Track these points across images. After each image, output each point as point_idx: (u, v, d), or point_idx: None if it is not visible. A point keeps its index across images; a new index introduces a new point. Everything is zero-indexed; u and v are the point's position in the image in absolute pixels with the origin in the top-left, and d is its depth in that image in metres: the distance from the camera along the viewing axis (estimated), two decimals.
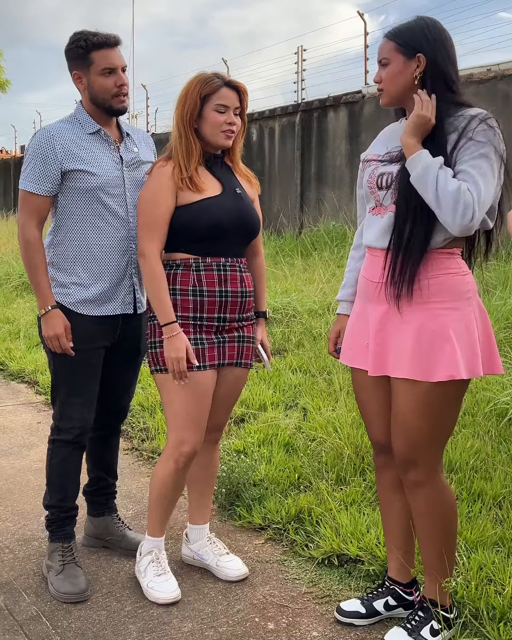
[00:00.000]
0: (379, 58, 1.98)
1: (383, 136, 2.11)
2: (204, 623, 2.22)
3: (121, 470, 3.42)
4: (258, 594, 2.39)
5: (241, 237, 2.36)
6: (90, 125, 2.40)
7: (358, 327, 2.10)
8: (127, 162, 2.44)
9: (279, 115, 12.26)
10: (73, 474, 2.50)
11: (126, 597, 2.38)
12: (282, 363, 4.58)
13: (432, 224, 1.86)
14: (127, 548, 2.63)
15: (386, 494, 2.22)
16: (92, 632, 2.18)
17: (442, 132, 1.87)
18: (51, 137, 2.32)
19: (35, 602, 2.34)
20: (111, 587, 2.43)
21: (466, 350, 1.91)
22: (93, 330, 2.42)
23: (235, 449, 3.42)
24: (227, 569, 2.47)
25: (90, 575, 2.50)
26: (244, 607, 2.31)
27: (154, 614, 2.27)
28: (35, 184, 2.34)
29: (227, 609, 2.30)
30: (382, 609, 2.22)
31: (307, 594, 2.39)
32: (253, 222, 2.38)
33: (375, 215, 2.01)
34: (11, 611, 2.29)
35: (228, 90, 2.25)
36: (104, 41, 2.31)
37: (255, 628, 2.20)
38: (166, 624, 2.22)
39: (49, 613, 2.28)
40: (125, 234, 2.42)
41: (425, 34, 1.91)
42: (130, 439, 3.87)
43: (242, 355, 2.39)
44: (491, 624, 2.06)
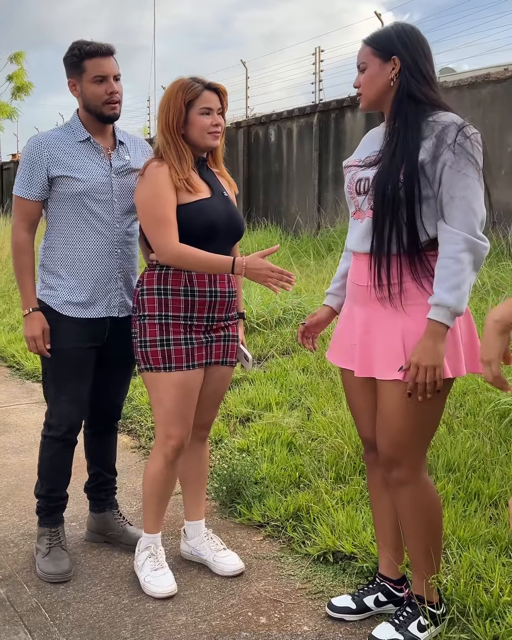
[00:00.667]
0: (357, 63, 2.03)
1: (365, 141, 2.15)
2: (198, 616, 2.28)
3: (127, 468, 3.51)
4: (253, 589, 2.43)
5: (230, 238, 2.42)
6: (81, 133, 2.49)
7: (346, 328, 2.14)
8: (116, 169, 2.50)
9: (296, 116, 12.30)
10: (62, 468, 2.61)
11: (124, 590, 2.44)
12: (290, 363, 4.62)
13: (408, 228, 1.89)
14: (127, 543, 2.70)
15: (376, 491, 2.25)
16: (88, 624, 2.24)
17: (419, 136, 1.89)
18: (40, 145, 2.43)
19: (36, 595, 2.41)
20: (110, 581, 2.50)
21: (449, 350, 1.94)
22: (80, 331, 2.49)
23: (239, 447, 3.47)
24: (223, 564, 2.52)
25: (91, 570, 2.57)
26: (238, 602, 2.36)
27: (149, 607, 2.33)
28: (24, 189, 2.45)
29: (222, 603, 2.35)
30: (372, 605, 2.25)
31: (301, 590, 2.43)
32: (241, 224, 2.45)
33: (355, 220, 2.05)
34: (12, 602, 2.36)
35: (209, 93, 2.31)
36: (96, 50, 2.39)
37: (247, 622, 2.25)
38: (161, 617, 2.28)
39: (49, 605, 2.35)
40: (111, 239, 2.49)
41: (400, 37, 1.95)
42: (138, 438, 3.94)
43: (227, 354, 2.46)
44: (478, 620, 2.09)
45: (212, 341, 2.41)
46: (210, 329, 2.40)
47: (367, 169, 2.00)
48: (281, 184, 12.65)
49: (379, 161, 1.96)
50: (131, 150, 2.59)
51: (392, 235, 1.91)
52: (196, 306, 2.34)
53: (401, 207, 1.88)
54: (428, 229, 1.91)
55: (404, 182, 1.88)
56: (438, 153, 1.87)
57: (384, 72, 1.97)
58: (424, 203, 1.90)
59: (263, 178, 13.04)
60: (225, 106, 2.37)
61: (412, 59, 1.95)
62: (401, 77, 1.95)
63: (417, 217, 1.89)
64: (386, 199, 1.89)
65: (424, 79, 1.97)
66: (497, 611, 2.11)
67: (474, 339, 2.03)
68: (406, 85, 1.94)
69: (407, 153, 1.89)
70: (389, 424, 2.01)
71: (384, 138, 2.01)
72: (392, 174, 1.89)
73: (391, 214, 1.89)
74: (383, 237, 1.92)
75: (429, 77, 1.98)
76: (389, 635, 2.08)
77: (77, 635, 2.18)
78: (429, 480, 2.10)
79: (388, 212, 1.89)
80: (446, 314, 1.85)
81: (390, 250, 1.92)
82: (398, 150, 1.92)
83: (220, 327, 2.42)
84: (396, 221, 1.89)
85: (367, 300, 2.02)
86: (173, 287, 2.33)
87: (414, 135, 1.91)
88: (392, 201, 1.88)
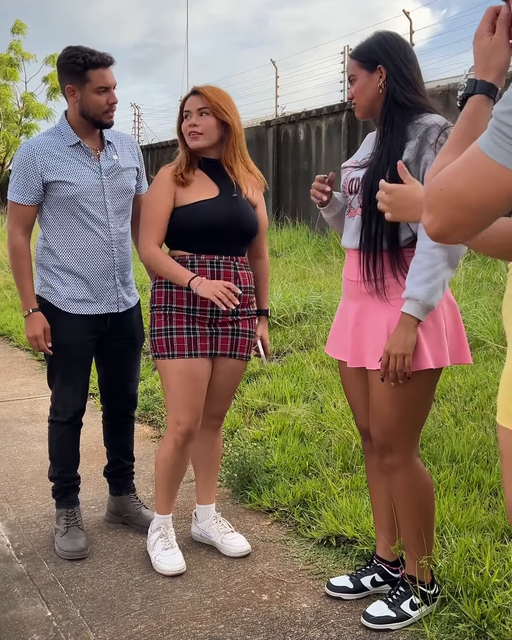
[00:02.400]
0: (348, 76, 2.15)
1: (364, 144, 2.26)
2: (203, 593, 2.42)
3: (147, 456, 3.66)
4: (257, 569, 2.56)
5: (235, 237, 2.53)
6: (70, 138, 2.59)
7: (341, 321, 2.25)
8: (105, 170, 2.62)
9: (325, 115, 12.36)
10: (71, 450, 2.79)
11: (136, 568, 2.59)
12: (308, 358, 4.73)
13: (394, 225, 2.00)
14: (141, 525, 2.86)
15: (373, 477, 2.36)
16: (101, 597, 2.40)
17: (404, 138, 1.99)
18: (32, 151, 2.53)
19: (53, 570, 2.57)
20: (124, 560, 2.65)
21: (433, 342, 2.04)
22: (81, 326, 2.65)
23: (253, 438, 3.60)
24: (230, 546, 2.66)
25: (106, 549, 2.73)
26: (242, 580, 2.49)
27: (159, 584, 2.48)
28: (19, 194, 2.56)
29: (227, 582, 2.49)
30: (369, 585, 2.36)
31: (303, 571, 2.55)
32: (246, 223, 2.53)
33: (349, 218, 2.16)
34: (32, 577, 2.53)
35: (193, 97, 2.45)
36: (101, 61, 2.50)
37: (250, 599, 2.38)
38: (169, 593, 2.42)
39: (65, 580, 2.51)
40: (106, 239, 2.63)
41: (381, 45, 2.06)
42: (158, 428, 4.10)
43: (236, 348, 2.56)
44: (468, 600, 2.19)
45: (218, 333, 2.52)
46: (215, 322, 2.51)
47: (360, 170, 2.12)
48: (309, 183, 12.66)
49: (370, 163, 2.07)
50: (118, 149, 2.70)
51: (378, 232, 2.02)
52: (198, 300, 2.46)
53: None
54: (412, 226, 2.01)
55: (389, 181, 1.98)
56: (421, 153, 1.98)
57: (372, 81, 2.08)
58: None
59: (292, 176, 13.13)
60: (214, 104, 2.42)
61: (395, 66, 2.06)
62: (387, 85, 2.05)
63: None
64: (373, 197, 1.99)
65: (409, 84, 2.06)
66: (486, 591, 2.20)
67: (461, 332, 2.12)
68: (392, 92, 2.05)
69: (393, 154, 2.01)
70: (379, 412, 2.11)
71: (375, 141, 2.14)
72: (379, 173, 2.00)
73: (377, 211, 1.99)
74: (370, 234, 2.03)
75: (413, 81, 2.08)
76: (382, 613, 2.20)
77: (90, 607, 2.34)
78: (421, 465, 2.20)
79: (375, 210, 1.99)
80: (416, 307, 1.95)
81: (376, 246, 2.03)
82: (385, 152, 2.04)
83: (227, 321, 2.53)
84: (381, 218, 1.99)
85: (358, 294, 2.13)
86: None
87: (400, 137, 2.02)
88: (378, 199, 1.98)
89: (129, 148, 2.75)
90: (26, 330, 2.64)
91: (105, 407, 2.93)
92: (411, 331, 1.95)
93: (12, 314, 7.26)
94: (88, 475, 3.43)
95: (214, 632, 2.19)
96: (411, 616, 2.19)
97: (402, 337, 1.96)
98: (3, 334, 6.84)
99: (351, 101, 2.16)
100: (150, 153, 17.71)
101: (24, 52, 23.41)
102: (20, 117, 23.70)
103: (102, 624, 2.24)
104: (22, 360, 5.96)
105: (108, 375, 2.83)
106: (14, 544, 2.78)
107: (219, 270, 2.48)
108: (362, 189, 2.05)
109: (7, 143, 23.35)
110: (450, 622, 2.15)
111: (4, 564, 2.63)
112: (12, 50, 23.38)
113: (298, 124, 13.02)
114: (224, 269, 2.49)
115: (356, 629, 2.19)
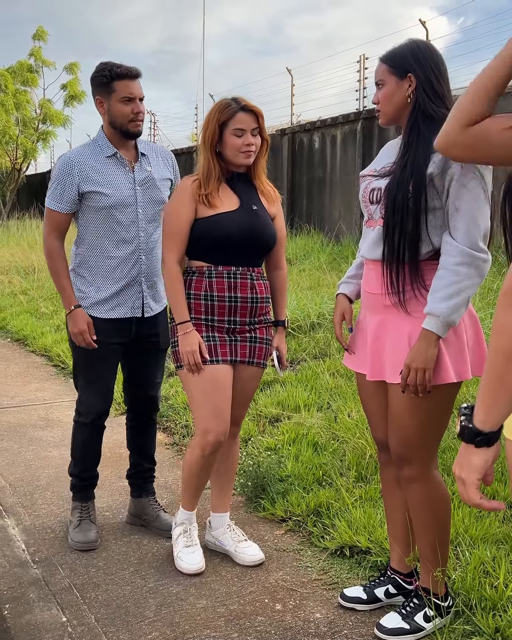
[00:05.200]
0: (375, 80, 2.13)
1: (383, 152, 2.25)
2: (217, 601, 2.43)
3: (161, 463, 3.67)
4: (271, 579, 2.57)
5: (254, 249, 2.55)
6: (107, 149, 2.71)
7: (360, 334, 2.26)
8: (139, 181, 2.72)
9: (341, 123, 12.39)
10: (92, 451, 2.90)
11: (150, 575, 2.60)
12: (321, 367, 4.74)
13: (416, 237, 2.00)
14: (159, 528, 2.92)
15: (388, 489, 2.36)
16: (116, 604, 2.41)
17: (430, 150, 1.98)
18: (71, 162, 2.65)
19: (69, 576, 2.59)
20: (138, 566, 2.67)
21: (455, 355, 2.04)
22: (106, 329, 2.74)
23: (268, 446, 3.61)
24: (244, 555, 2.67)
25: (121, 556, 2.75)
26: (256, 589, 2.50)
27: (173, 591, 2.49)
28: (57, 202, 2.68)
29: (241, 590, 2.50)
30: (382, 596, 2.36)
31: (316, 581, 2.56)
32: (265, 236, 2.56)
33: (368, 228, 2.17)
34: (47, 582, 2.55)
35: (244, 114, 2.45)
36: (126, 72, 2.61)
37: (263, 608, 2.39)
38: (183, 600, 2.43)
39: (80, 586, 2.53)
40: (136, 247, 2.73)
41: (415, 54, 2.04)
42: (172, 435, 4.12)
43: (254, 355, 2.60)
44: (482, 613, 2.19)
45: (237, 341, 2.56)
46: (234, 331, 2.55)
47: (381, 179, 2.11)
48: (324, 190, 12.76)
49: (392, 172, 2.07)
50: (153, 161, 2.80)
51: (401, 244, 2.02)
52: (216, 310, 2.51)
53: (409, 217, 2.00)
54: (433, 239, 2.02)
55: (412, 193, 1.99)
56: (447, 166, 1.97)
57: (401, 89, 2.06)
58: (431, 214, 2.01)
59: (306, 184, 13.16)
60: (262, 126, 2.50)
61: (426, 76, 2.04)
62: (416, 94, 2.04)
63: (422, 227, 2.00)
64: (396, 208, 2.00)
65: (438, 97, 2.05)
66: (501, 605, 2.20)
67: (481, 343, 2.13)
68: (422, 103, 2.03)
69: (417, 166, 2.00)
70: (398, 424, 2.12)
71: (399, 151, 2.12)
72: (403, 185, 2.00)
73: (400, 223, 2.00)
74: (393, 245, 2.03)
75: (442, 94, 2.06)
76: (395, 624, 2.20)
77: (105, 613, 2.35)
78: (440, 477, 2.21)
79: (398, 221, 2.00)
80: (437, 323, 1.95)
81: (399, 257, 2.03)
82: (409, 163, 2.02)
83: (245, 330, 2.57)
84: (404, 230, 2.00)
85: (378, 307, 2.14)
86: (195, 292, 2.52)
87: (426, 149, 2.01)
88: (401, 211, 2.00)
89: (163, 160, 2.85)
90: (70, 326, 2.73)
91: (129, 408, 3.03)
92: (432, 345, 1.96)
93: (27, 319, 7.31)
94: (103, 481, 3.44)
95: None
96: (424, 628, 2.19)
97: (423, 351, 1.96)
98: (19, 339, 6.90)
99: (375, 106, 2.14)
100: None
101: (44, 59, 23.63)
102: (37, 124, 23.90)
103: (117, 630, 2.26)
104: (38, 365, 6.01)
105: (132, 378, 2.93)
106: (30, 549, 2.80)
107: (236, 281, 2.50)
108: (384, 199, 2.05)
109: (24, 149, 23.55)
110: (464, 635, 2.15)
111: (19, 569, 2.65)
112: (33, 56, 23.60)
113: (313, 132, 13.06)
114: (241, 279, 2.51)
115: None
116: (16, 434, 4.22)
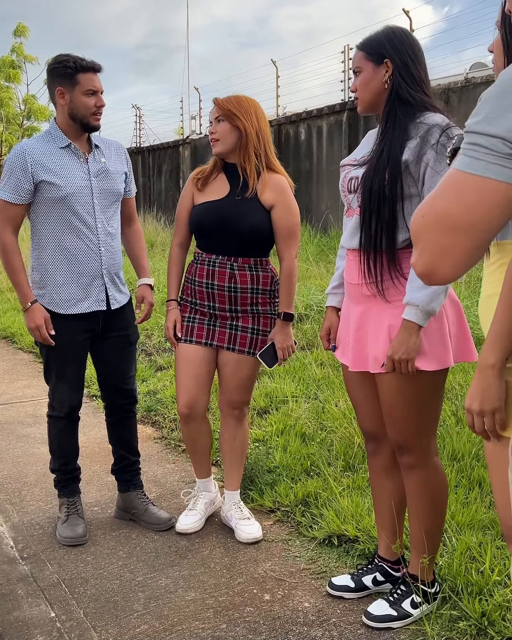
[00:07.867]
0: (352, 68, 2.13)
1: (363, 141, 2.23)
2: (206, 593, 2.43)
3: (149, 457, 3.68)
4: (260, 569, 2.58)
5: (230, 238, 2.58)
6: (61, 140, 2.68)
7: (344, 325, 2.26)
8: (94, 172, 2.71)
9: (326, 115, 12.37)
10: (69, 443, 2.90)
11: (139, 569, 2.60)
12: (309, 358, 4.75)
13: (393, 224, 1.99)
14: (148, 521, 2.92)
15: (376, 478, 2.37)
16: (104, 598, 2.41)
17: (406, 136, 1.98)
18: (23, 152, 2.62)
19: (57, 572, 2.59)
20: (126, 560, 2.67)
21: (436, 343, 2.04)
22: (72, 325, 2.73)
23: (256, 438, 3.61)
24: (241, 531, 2.76)
25: (109, 550, 2.75)
26: (244, 580, 2.51)
27: (161, 584, 2.49)
28: (10, 193, 2.63)
29: (229, 582, 2.50)
30: (370, 584, 2.37)
31: (305, 570, 2.56)
32: (239, 226, 2.57)
33: (347, 218, 2.16)
34: (36, 578, 2.55)
35: (214, 107, 2.61)
36: (91, 66, 2.62)
37: (252, 598, 2.39)
38: (172, 593, 2.44)
39: (69, 581, 2.52)
40: (94, 239, 2.70)
41: (391, 40, 2.04)
42: (160, 429, 4.11)
43: (235, 342, 2.68)
44: (469, 598, 2.20)
45: (216, 326, 2.69)
46: (216, 317, 2.68)
47: (359, 168, 2.10)
48: (311, 182, 12.74)
49: (369, 160, 2.06)
50: (106, 153, 2.78)
51: (378, 231, 2.01)
52: (197, 294, 2.67)
53: (385, 205, 1.99)
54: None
55: (388, 181, 1.99)
56: (422, 153, 1.96)
57: (378, 75, 2.05)
58: (407, 201, 2.00)
59: (293, 176, 13.03)
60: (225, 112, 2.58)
61: (402, 61, 2.03)
62: (393, 79, 2.03)
63: (398, 215, 1.99)
64: (373, 195, 1.99)
65: (415, 81, 2.04)
66: (487, 589, 2.21)
67: (465, 330, 2.12)
68: (397, 88, 2.02)
69: (394, 152, 1.99)
70: (393, 415, 2.12)
71: (376, 138, 2.12)
72: (379, 172, 1.99)
73: (376, 210, 1.99)
74: (370, 233, 2.02)
75: (419, 79, 2.06)
76: (383, 611, 2.21)
77: (94, 607, 2.35)
78: (439, 464, 2.20)
79: (374, 209, 1.99)
80: (417, 312, 1.95)
81: (376, 245, 2.02)
82: (386, 150, 2.01)
83: (226, 317, 2.66)
84: (380, 218, 1.99)
85: (359, 297, 2.13)
86: (187, 276, 2.72)
87: (401, 135, 2.00)
88: (378, 198, 1.99)
89: (116, 153, 2.84)
90: (27, 322, 2.69)
91: (106, 404, 3.00)
92: (414, 335, 1.96)
93: (15, 317, 7.28)
94: (91, 477, 3.45)
95: (216, 632, 2.20)
96: (412, 615, 2.20)
97: (405, 342, 1.96)
98: (6, 336, 6.87)
99: (352, 94, 2.13)
100: (151, 154, 17.73)
101: (27, 55, 23.44)
102: (22, 120, 23.73)
103: (106, 624, 2.26)
104: (26, 362, 5.99)
105: (106, 373, 2.91)
106: (18, 545, 2.80)
107: (213, 269, 2.61)
108: (361, 188, 2.04)
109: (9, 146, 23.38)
110: (451, 620, 2.16)
111: (7, 565, 2.65)
112: (14, 52, 23.40)
113: (299, 123, 13.03)
114: (219, 268, 2.61)
115: (358, 628, 2.20)
116: (4, 431, 4.21)
